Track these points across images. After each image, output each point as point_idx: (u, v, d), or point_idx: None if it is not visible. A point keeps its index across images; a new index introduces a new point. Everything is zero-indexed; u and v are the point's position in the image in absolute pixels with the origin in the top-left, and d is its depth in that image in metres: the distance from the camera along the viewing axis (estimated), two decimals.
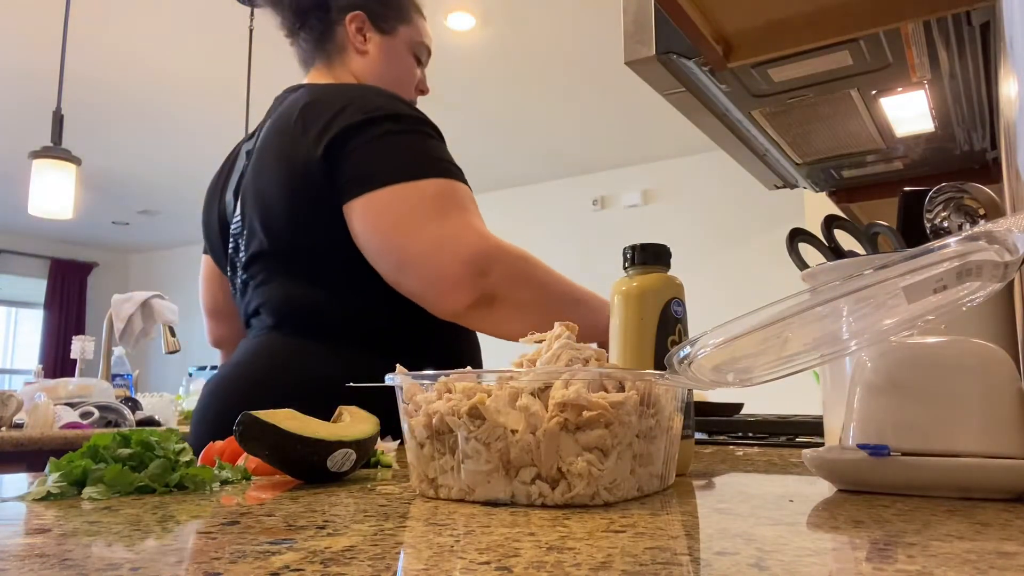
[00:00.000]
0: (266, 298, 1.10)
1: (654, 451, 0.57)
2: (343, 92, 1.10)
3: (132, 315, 2.71)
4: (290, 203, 1.06)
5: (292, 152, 1.05)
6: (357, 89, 1.14)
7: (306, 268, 1.08)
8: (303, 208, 1.05)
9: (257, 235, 1.10)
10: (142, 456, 0.59)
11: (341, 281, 1.07)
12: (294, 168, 1.05)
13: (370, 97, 1.08)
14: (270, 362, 1.07)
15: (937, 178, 1.15)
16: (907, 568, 0.33)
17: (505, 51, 3.95)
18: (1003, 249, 0.47)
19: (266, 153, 1.11)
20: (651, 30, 1.09)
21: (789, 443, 1.10)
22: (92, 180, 5.87)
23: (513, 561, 0.35)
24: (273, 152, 1.09)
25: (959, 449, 0.56)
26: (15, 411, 2.06)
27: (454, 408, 0.54)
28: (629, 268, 0.76)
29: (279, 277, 1.09)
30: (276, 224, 1.08)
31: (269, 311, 1.10)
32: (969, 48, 1.08)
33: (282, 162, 1.07)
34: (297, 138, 1.05)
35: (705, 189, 5.33)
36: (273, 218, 1.08)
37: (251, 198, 1.11)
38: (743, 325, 0.50)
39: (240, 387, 1.07)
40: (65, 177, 2.77)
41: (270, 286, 1.10)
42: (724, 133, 1.36)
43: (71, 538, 0.41)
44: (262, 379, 1.06)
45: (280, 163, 1.07)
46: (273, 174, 1.08)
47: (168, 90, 4.40)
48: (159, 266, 8.63)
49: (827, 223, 0.98)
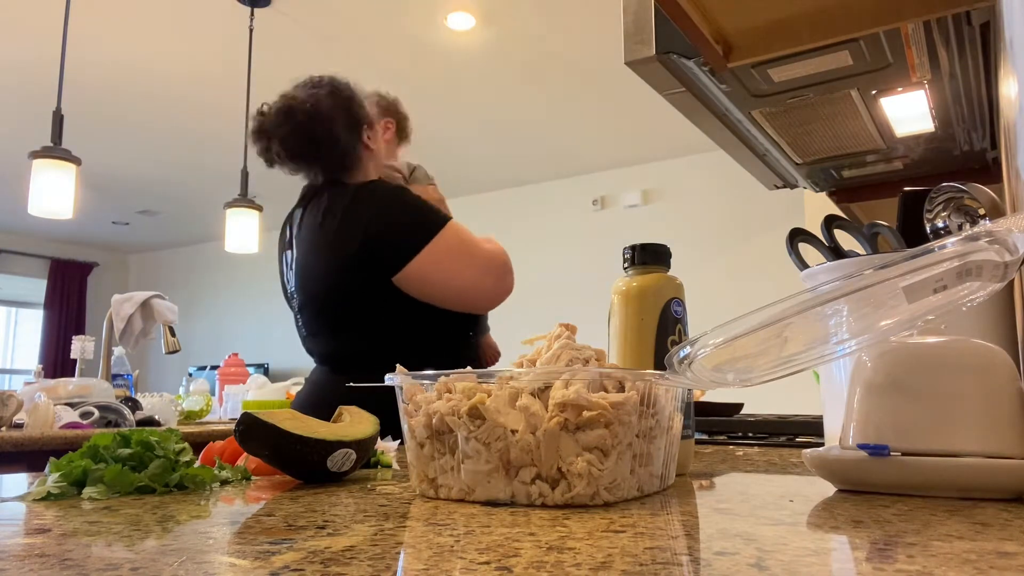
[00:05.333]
0: (312, 347, 1.54)
1: (654, 451, 0.57)
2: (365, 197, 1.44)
3: (132, 315, 2.71)
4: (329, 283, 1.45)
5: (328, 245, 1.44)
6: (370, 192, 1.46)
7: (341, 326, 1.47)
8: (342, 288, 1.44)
9: (307, 305, 1.50)
10: (142, 456, 0.59)
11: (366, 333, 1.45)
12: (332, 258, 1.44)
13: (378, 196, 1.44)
14: (318, 389, 1.51)
15: (937, 178, 1.15)
16: (907, 568, 0.33)
17: (505, 51, 3.95)
18: (1003, 249, 0.47)
19: (305, 245, 1.50)
20: (651, 30, 1.08)
21: (789, 443, 1.10)
22: (92, 180, 5.86)
23: (513, 561, 0.35)
24: (311, 245, 1.49)
25: (959, 449, 0.56)
26: (15, 411, 2.06)
27: (454, 408, 0.54)
28: (629, 268, 0.76)
29: (324, 330, 1.50)
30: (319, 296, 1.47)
31: (317, 357, 1.55)
32: (969, 48, 1.08)
33: (322, 252, 1.46)
34: (330, 235, 1.43)
35: (705, 189, 5.32)
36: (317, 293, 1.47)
37: (299, 279, 1.51)
38: (743, 325, 0.50)
39: (299, 405, 1.49)
40: (65, 177, 2.77)
41: (316, 339, 1.52)
42: (724, 133, 1.36)
43: (71, 538, 0.41)
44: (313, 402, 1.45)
45: (320, 254, 1.47)
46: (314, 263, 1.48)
47: (168, 90, 4.40)
48: (159, 266, 8.63)
49: (827, 223, 0.98)
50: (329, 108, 1.48)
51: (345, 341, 1.47)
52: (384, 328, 1.44)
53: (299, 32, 3.73)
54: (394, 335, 1.44)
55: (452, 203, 1.89)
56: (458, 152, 5.40)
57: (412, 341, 1.45)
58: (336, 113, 1.49)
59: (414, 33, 3.73)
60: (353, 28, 3.68)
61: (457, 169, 5.72)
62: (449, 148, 5.28)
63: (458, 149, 5.35)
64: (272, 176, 1.51)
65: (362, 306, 1.44)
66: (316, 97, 1.49)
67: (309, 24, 3.66)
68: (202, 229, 7.60)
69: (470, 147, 5.34)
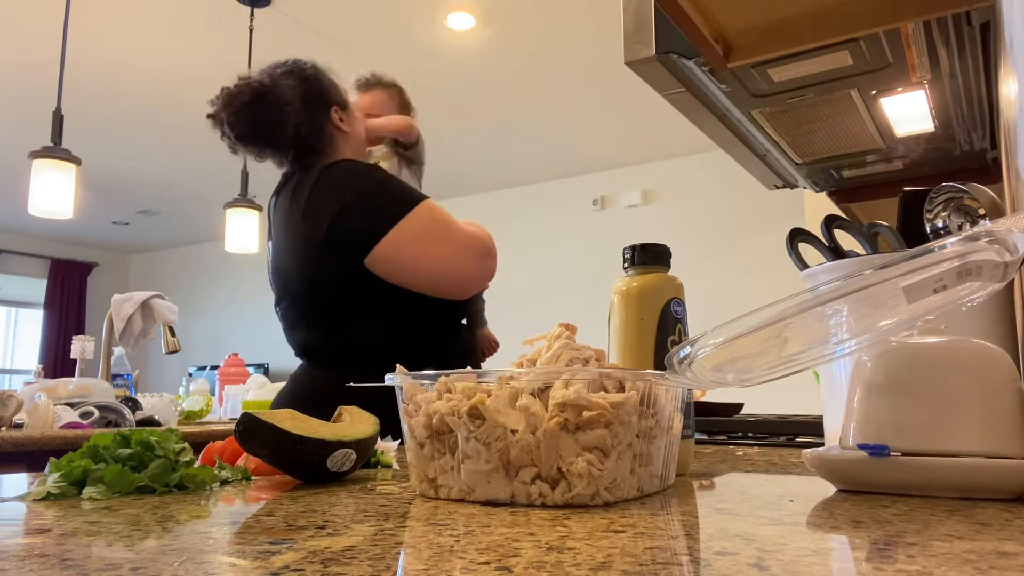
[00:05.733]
0: (291, 339, 1.48)
1: (654, 451, 0.57)
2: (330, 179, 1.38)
3: (132, 315, 2.70)
4: (302, 271, 1.39)
5: (296, 231, 1.38)
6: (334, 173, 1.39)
7: (317, 316, 1.40)
8: (313, 275, 1.38)
9: (283, 295, 1.45)
10: (142, 456, 0.59)
11: (344, 323, 1.38)
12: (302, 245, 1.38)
13: (343, 176, 1.38)
14: (299, 385, 1.45)
15: (937, 178, 1.15)
16: (907, 568, 0.33)
17: (505, 51, 3.95)
18: (1003, 249, 0.47)
19: (278, 233, 1.45)
20: (651, 30, 1.08)
21: (789, 443, 1.10)
22: (92, 180, 5.86)
23: (513, 561, 0.35)
24: (283, 233, 1.43)
25: (959, 449, 0.56)
26: (15, 411, 2.06)
27: (454, 408, 0.54)
28: (629, 268, 0.76)
29: (300, 322, 1.43)
30: (293, 286, 1.42)
31: (298, 350, 1.48)
32: (969, 48, 1.08)
33: (291, 240, 1.41)
34: (298, 220, 1.37)
35: (705, 189, 5.32)
36: (291, 282, 1.42)
37: (274, 268, 1.47)
38: (743, 325, 0.50)
39: (280, 401, 1.45)
40: (65, 177, 2.77)
41: (295, 331, 1.45)
42: (724, 133, 1.36)
43: (71, 538, 0.41)
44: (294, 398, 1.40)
45: (290, 241, 1.41)
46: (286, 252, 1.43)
47: (168, 90, 4.40)
48: (159, 266, 8.63)
49: (827, 223, 0.98)
50: (284, 87, 1.42)
51: (322, 333, 1.40)
52: (363, 318, 1.36)
53: (299, 32, 3.73)
54: (374, 325, 1.36)
55: (452, 203, 1.89)
56: (458, 152, 5.40)
57: (394, 332, 1.37)
58: (292, 91, 1.42)
59: (414, 33, 3.73)
60: (353, 28, 3.68)
61: (457, 169, 5.72)
62: (449, 148, 5.28)
63: (458, 149, 5.35)
64: (272, 176, 1.51)
65: (337, 295, 1.36)
66: (270, 77, 1.43)
67: (309, 24, 3.66)
68: (202, 229, 7.60)
69: (470, 147, 5.34)
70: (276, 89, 1.42)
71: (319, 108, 1.46)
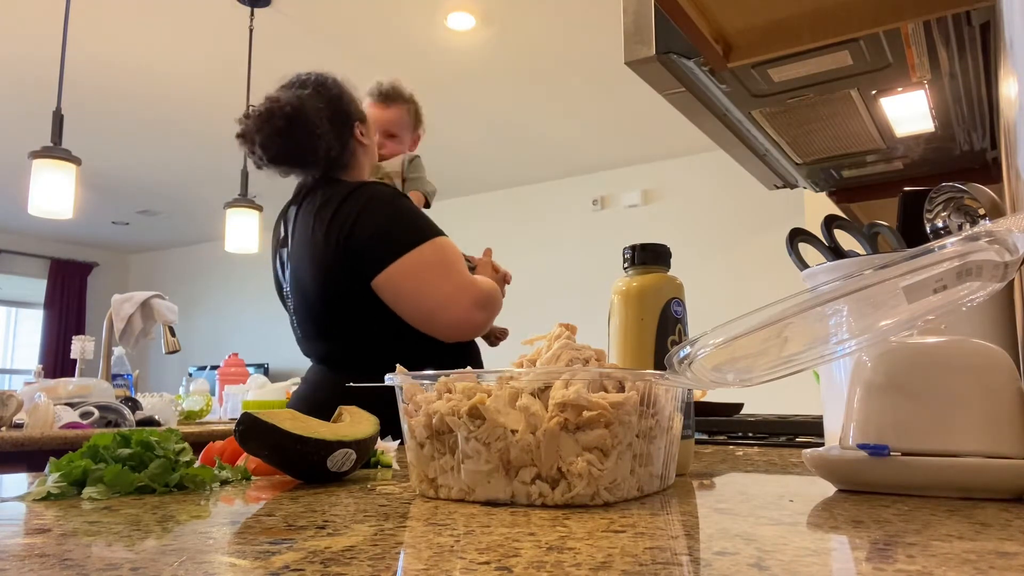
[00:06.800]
0: (307, 349, 1.53)
1: (654, 451, 0.57)
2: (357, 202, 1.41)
3: (132, 315, 2.71)
4: (322, 290, 1.42)
5: (317, 246, 1.41)
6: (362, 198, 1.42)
7: (336, 330, 1.45)
8: (330, 291, 1.41)
9: (300, 309, 1.48)
10: (142, 456, 0.59)
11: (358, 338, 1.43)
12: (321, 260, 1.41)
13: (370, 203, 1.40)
14: (315, 388, 1.49)
15: (937, 178, 1.15)
16: (907, 568, 0.33)
17: (505, 51, 3.95)
18: (1003, 249, 0.47)
19: (298, 245, 1.47)
20: (651, 30, 1.08)
21: (789, 443, 1.10)
22: (92, 180, 5.86)
23: (513, 561, 0.35)
24: (303, 245, 1.46)
25: (959, 449, 0.56)
26: (15, 411, 2.06)
27: (454, 408, 0.54)
28: (629, 268, 0.76)
29: (318, 334, 1.48)
30: (312, 300, 1.44)
31: (314, 358, 1.53)
32: (969, 48, 1.08)
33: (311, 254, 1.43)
34: (320, 236, 1.40)
35: (705, 189, 5.32)
36: (310, 296, 1.44)
37: (292, 281, 1.49)
38: (743, 325, 0.50)
39: (295, 405, 1.47)
40: (65, 177, 2.77)
41: (311, 342, 1.50)
42: (724, 133, 1.36)
43: (71, 538, 0.41)
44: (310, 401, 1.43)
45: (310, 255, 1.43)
46: (306, 265, 1.44)
47: (168, 90, 4.40)
48: (159, 266, 8.63)
49: (827, 223, 0.98)
50: (313, 110, 1.45)
51: (339, 346, 1.45)
52: (376, 334, 1.41)
53: (299, 32, 3.73)
54: (386, 340, 1.41)
55: (452, 203, 1.88)
56: (458, 152, 5.40)
57: (406, 346, 1.40)
58: (320, 114, 1.45)
59: (414, 33, 3.73)
60: (353, 28, 3.68)
61: (457, 169, 5.72)
62: (449, 148, 5.28)
63: (458, 149, 5.34)
64: (272, 176, 1.51)
65: (351, 311, 1.41)
66: (299, 99, 1.45)
67: (309, 24, 3.66)
68: (202, 229, 7.60)
69: (470, 147, 5.34)
70: (306, 112, 1.44)
71: (345, 127, 1.50)
